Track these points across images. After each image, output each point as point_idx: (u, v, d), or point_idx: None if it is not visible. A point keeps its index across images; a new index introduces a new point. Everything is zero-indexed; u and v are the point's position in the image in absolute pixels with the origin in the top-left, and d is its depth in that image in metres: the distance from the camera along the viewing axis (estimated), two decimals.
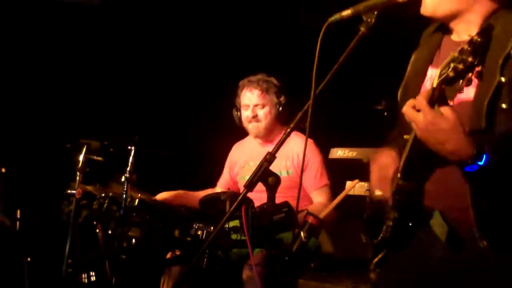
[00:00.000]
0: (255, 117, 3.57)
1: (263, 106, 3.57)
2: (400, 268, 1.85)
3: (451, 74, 1.43)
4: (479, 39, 1.41)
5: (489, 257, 1.60)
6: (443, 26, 1.85)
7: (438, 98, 1.49)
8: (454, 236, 1.66)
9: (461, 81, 1.43)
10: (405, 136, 1.75)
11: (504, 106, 1.56)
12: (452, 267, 1.70)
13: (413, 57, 1.95)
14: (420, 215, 1.73)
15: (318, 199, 3.47)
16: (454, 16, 1.77)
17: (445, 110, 1.50)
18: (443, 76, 1.45)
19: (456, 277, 1.70)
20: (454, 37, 1.82)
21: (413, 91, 1.81)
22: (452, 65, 1.43)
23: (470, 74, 1.42)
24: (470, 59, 1.40)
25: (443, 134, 1.49)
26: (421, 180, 1.71)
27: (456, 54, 1.42)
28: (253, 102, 3.58)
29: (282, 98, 3.60)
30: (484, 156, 1.49)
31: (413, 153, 1.65)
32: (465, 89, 1.57)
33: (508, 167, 1.54)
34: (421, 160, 1.65)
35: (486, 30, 1.44)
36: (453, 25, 1.81)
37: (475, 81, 1.45)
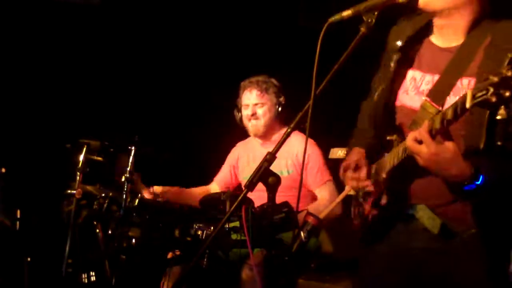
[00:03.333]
0: (254, 114, 3.59)
1: (262, 105, 3.59)
2: (380, 261, 1.94)
3: (493, 99, 1.44)
4: None
5: (471, 248, 1.72)
6: (419, 25, 1.91)
7: (440, 131, 1.60)
8: (445, 229, 1.77)
9: (503, 107, 1.46)
10: (388, 137, 1.81)
11: (499, 117, 1.60)
12: (434, 257, 1.80)
13: (392, 35, 2.01)
14: (399, 211, 1.86)
15: (322, 195, 3.48)
16: (444, 14, 1.80)
17: (446, 141, 1.62)
18: (479, 99, 1.47)
19: (439, 266, 1.79)
20: (438, 41, 1.87)
21: (389, 87, 1.93)
22: (491, 89, 1.44)
23: None
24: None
25: (446, 162, 1.63)
26: (407, 182, 1.84)
27: (496, 79, 1.43)
28: (252, 102, 3.61)
29: (281, 98, 3.62)
30: (481, 176, 1.63)
31: (405, 163, 1.77)
32: (455, 98, 1.69)
33: (501, 185, 1.69)
34: (410, 167, 1.74)
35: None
36: (439, 26, 1.84)
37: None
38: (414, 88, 1.89)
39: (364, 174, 1.94)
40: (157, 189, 3.48)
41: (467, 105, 1.49)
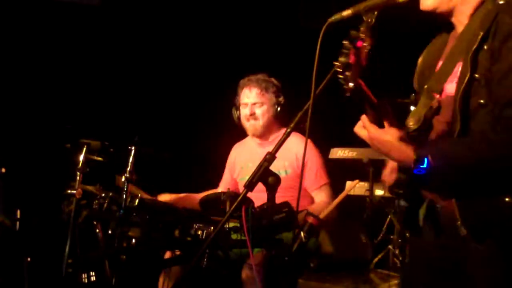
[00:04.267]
0: (252, 114, 3.58)
1: (261, 105, 3.58)
2: (414, 253, 1.96)
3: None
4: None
5: (471, 245, 1.69)
6: (447, 26, 1.89)
7: (383, 113, 1.68)
8: (433, 221, 1.79)
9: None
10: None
11: (481, 101, 1.65)
12: (439, 252, 1.80)
13: (425, 51, 2.00)
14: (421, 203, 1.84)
15: (319, 198, 3.48)
16: (449, 11, 1.81)
17: (387, 124, 1.69)
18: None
19: (442, 262, 1.79)
20: (457, 30, 1.85)
21: (426, 81, 1.88)
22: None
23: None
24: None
25: (385, 145, 1.70)
26: None
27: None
28: (251, 101, 3.59)
29: (281, 98, 3.61)
30: (425, 159, 1.64)
31: None
32: (450, 85, 1.72)
33: (453, 167, 1.67)
34: None
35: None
36: (453, 20, 1.84)
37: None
38: None
39: None
40: (165, 197, 3.49)
41: None
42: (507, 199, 1.62)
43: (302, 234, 2.89)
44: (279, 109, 3.59)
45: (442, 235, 1.77)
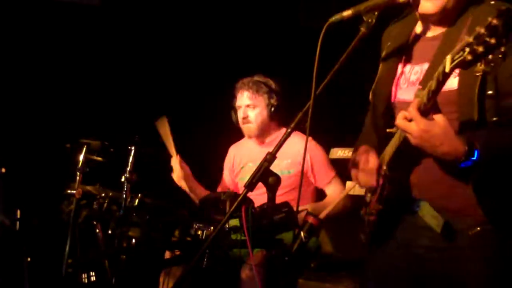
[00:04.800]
0: (245, 118, 3.58)
1: (254, 107, 3.58)
2: (386, 259, 1.92)
3: (468, 57, 1.46)
4: (498, 22, 1.45)
5: (477, 246, 1.68)
6: (407, 24, 1.91)
7: (431, 106, 1.59)
8: (448, 228, 1.74)
9: (479, 63, 1.48)
10: (388, 130, 1.80)
11: (490, 92, 1.65)
12: (439, 255, 1.76)
13: (385, 35, 2.03)
14: (405, 205, 1.82)
15: (332, 191, 3.53)
16: (441, 14, 1.80)
17: (436, 116, 1.60)
18: (457, 61, 1.49)
19: (444, 265, 1.76)
20: (426, 33, 1.87)
21: (385, 88, 1.92)
22: (467, 49, 1.46)
23: (491, 56, 1.46)
24: (493, 40, 1.44)
25: (437, 139, 1.60)
26: (406, 172, 1.81)
27: (470, 39, 1.45)
28: (244, 103, 3.60)
29: (273, 99, 3.59)
30: (476, 151, 1.60)
31: (401, 148, 1.74)
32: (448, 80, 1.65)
33: (500, 158, 1.65)
34: (408, 153, 1.73)
35: (502, 13, 1.48)
36: (431, 21, 1.84)
37: (497, 62, 1.48)
38: (405, 81, 1.90)
39: (374, 164, 1.90)
40: (184, 166, 3.57)
41: (447, 69, 1.50)
42: None
43: (302, 234, 2.88)
44: (273, 109, 3.58)
45: (451, 238, 1.74)
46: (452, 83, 1.69)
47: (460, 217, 1.73)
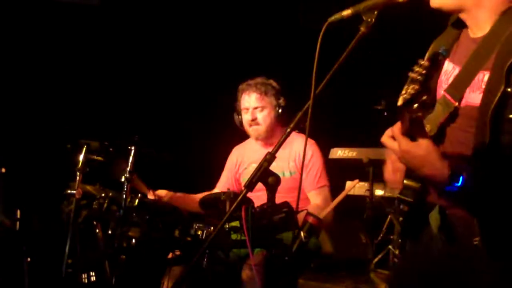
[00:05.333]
0: (254, 120, 3.57)
1: (262, 109, 3.57)
2: (409, 261, 1.92)
3: (407, 96, 1.47)
4: (423, 70, 1.46)
5: (483, 255, 1.63)
6: (461, 20, 1.83)
7: (414, 126, 1.56)
8: (446, 229, 1.72)
9: (415, 105, 1.47)
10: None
11: (511, 116, 1.59)
12: (449, 260, 1.74)
13: (432, 46, 1.92)
14: (425, 210, 1.79)
15: (314, 200, 3.46)
16: (461, 10, 1.76)
17: (421, 139, 1.58)
18: (404, 96, 1.48)
19: (452, 271, 1.74)
20: (470, 31, 1.80)
21: (433, 84, 1.82)
22: (408, 87, 1.48)
23: (423, 97, 1.46)
24: (416, 87, 1.46)
25: (418, 161, 1.59)
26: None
27: (411, 75, 1.46)
28: (252, 105, 3.58)
29: (281, 100, 3.60)
30: (461, 177, 1.57)
31: None
32: (472, 94, 1.65)
33: (491, 188, 1.59)
34: None
35: (434, 57, 1.52)
36: (464, 19, 1.78)
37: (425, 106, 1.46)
38: (446, 81, 1.82)
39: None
40: (161, 192, 3.48)
41: (398, 103, 1.49)
42: None
43: (302, 234, 2.88)
44: (280, 111, 3.58)
45: (454, 243, 1.71)
46: (477, 98, 1.65)
47: (463, 226, 1.69)
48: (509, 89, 1.57)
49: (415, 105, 1.47)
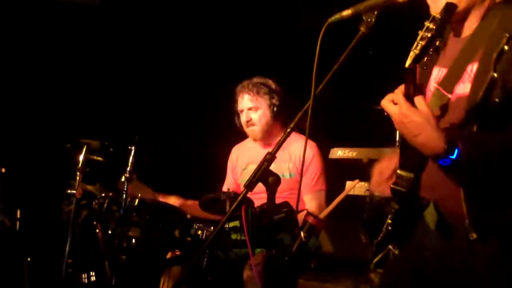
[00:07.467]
0: (249, 121, 3.57)
1: (256, 109, 3.56)
2: (400, 259, 1.89)
3: (417, 52, 1.50)
4: (439, 16, 1.49)
5: (479, 250, 1.63)
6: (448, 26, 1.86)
7: (414, 90, 1.56)
8: (443, 224, 1.71)
9: (426, 57, 1.51)
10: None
11: (496, 100, 1.60)
12: (443, 256, 1.74)
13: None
14: (417, 205, 1.78)
15: (309, 204, 3.43)
16: (468, 10, 1.77)
17: (419, 103, 1.57)
18: (413, 56, 1.51)
19: (447, 267, 1.74)
20: (456, 34, 1.83)
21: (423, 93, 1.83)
22: (418, 44, 1.51)
23: (431, 50, 1.49)
24: (429, 34, 1.48)
25: (415, 127, 1.56)
26: (418, 171, 1.76)
27: (421, 32, 1.50)
28: (245, 106, 3.59)
29: (275, 99, 3.57)
30: (456, 150, 1.54)
31: (405, 145, 1.70)
32: (462, 85, 1.66)
33: (485, 161, 1.58)
34: (414, 151, 1.68)
35: (448, 8, 1.53)
36: (456, 22, 1.80)
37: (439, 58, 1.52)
38: (435, 83, 1.84)
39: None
40: (171, 199, 3.49)
41: (406, 64, 1.53)
42: None
43: (302, 234, 2.89)
44: (275, 109, 3.56)
45: (451, 240, 1.71)
46: (466, 88, 1.67)
47: (460, 219, 1.68)
48: (495, 74, 1.58)
49: (430, 51, 1.52)
